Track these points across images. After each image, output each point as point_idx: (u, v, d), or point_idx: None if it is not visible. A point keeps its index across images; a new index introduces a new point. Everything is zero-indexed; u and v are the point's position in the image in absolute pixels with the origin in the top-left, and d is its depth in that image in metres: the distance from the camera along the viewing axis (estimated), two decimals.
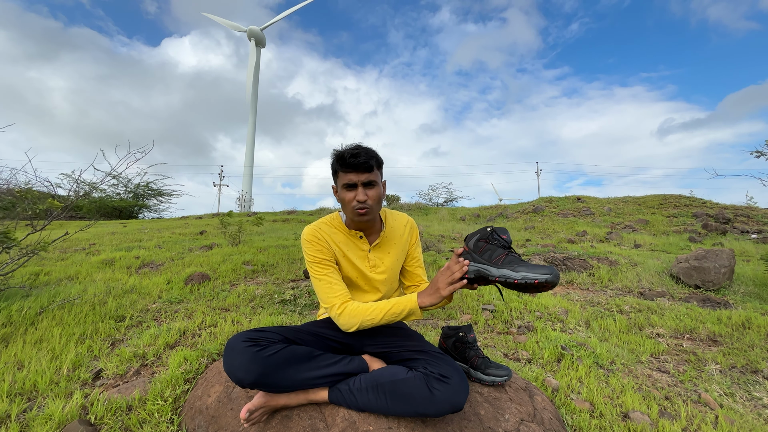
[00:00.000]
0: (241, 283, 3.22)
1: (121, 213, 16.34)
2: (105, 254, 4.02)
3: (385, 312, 1.14)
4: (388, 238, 1.40)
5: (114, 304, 2.46)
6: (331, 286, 1.23)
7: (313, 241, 1.28)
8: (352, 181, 1.19)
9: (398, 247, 1.41)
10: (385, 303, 1.16)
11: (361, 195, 1.20)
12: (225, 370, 1.02)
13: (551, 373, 1.96)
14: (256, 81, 33.94)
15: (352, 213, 1.23)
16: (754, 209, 8.80)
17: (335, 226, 1.35)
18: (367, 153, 1.19)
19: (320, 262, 1.27)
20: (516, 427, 1.16)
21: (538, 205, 11.29)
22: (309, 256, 1.28)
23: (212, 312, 2.49)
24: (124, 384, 1.61)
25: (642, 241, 6.60)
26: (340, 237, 1.34)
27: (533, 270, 0.97)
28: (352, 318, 1.17)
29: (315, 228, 1.32)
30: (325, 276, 1.25)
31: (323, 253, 1.28)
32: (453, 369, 1.06)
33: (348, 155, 1.17)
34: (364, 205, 1.21)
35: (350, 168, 1.18)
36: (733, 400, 1.89)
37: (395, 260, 1.40)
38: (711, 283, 3.60)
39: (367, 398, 1.06)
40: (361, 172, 1.19)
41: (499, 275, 1.01)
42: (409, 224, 1.45)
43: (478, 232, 1.12)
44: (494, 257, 1.06)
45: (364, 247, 1.36)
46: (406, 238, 1.43)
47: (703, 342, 2.60)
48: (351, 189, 1.21)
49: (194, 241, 5.31)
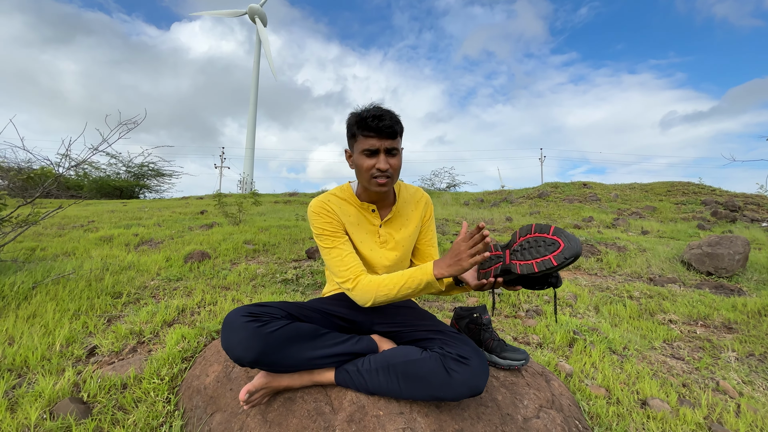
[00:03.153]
0: (241, 262, 3.14)
1: (122, 193, 16.27)
2: (103, 231, 3.94)
3: (400, 285, 1.03)
4: (400, 212, 1.29)
5: (111, 281, 2.38)
6: (342, 258, 1.13)
7: (321, 213, 1.18)
8: (373, 146, 1.07)
9: (411, 222, 1.29)
10: (398, 275, 1.05)
11: (382, 163, 1.08)
12: (223, 347, 0.93)
13: (564, 358, 1.88)
14: (257, 61, 33.26)
15: (369, 182, 1.12)
16: (765, 198, 8.63)
17: (345, 197, 1.23)
18: (392, 117, 1.06)
19: (330, 235, 1.16)
20: (536, 413, 1.08)
21: (544, 190, 11.13)
22: (317, 229, 1.18)
23: (212, 290, 2.41)
24: (119, 361, 1.54)
25: (650, 228, 6.49)
26: (351, 210, 1.23)
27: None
28: (366, 293, 1.07)
29: (323, 199, 1.21)
30: (336, 248, 1.15)
31: (332, 225, 1.17)
32: (472, 349, 0.98)
33: (371, 117, 1.05)
34: (385, 174, 1.10)
35: (373, 132, 1.06)
36: (753, 389, 1.81)
37: (407, 237, 1.29)
38: (724, 270, 3.50)
39: (377, 380, 0.98)
40: (384, 138, 1.07)
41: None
42: (424, 199, 1.34)
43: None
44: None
45: (375, 222, 1.25)
46: (420, 214, 1.31)
47: (718, 329, 2.52)
48: (371, 156, 1.09)
49: (194, 220, 5.22)
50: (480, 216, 7.56)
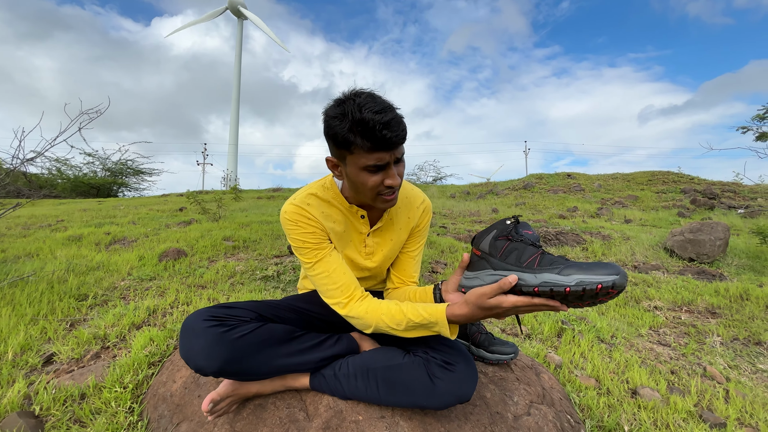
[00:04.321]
0: (220, 260, 3.01)
1: (98, 191, 15.71)
2: (72, 230, 3.73)
3: (407, 321, 0.84)
4: (393, 220, 1.08)
5: (75, 282, 2.23)
6: (330, 275, 0.93)
7: (300, 222, 0.94)
8: (383, 161, 0.83)
9: (402, 231, 1.10)
10: (410, 308, 0.86)
11: (394, 178, 0.86)
12: (182, 356, 0.83)
13: (552, 349, 1.84)
14: (239, 54, 32.47)
15: (375, 200, 0.90)
16: (741, 185, 8.89)
17: (329, 198, 1.00)
18: (400, 119, 0.82)
19: (313, 248, 0.95)
20: (526, 410, 1.02)
21: (529, 181, 11.21)
22: (296, 241, 0.95)
23: (187, 289, 2.28)
24: (79, 369, 1.42)
25: (632, 217, 6.59)
26: (335, 214, 1.01)
27: (590, 271, 0.65)
28: (363, 322, 0.91)
29: (301, 203, 0.96)
30: (321, 261, 0.94)
31: (315, 235, 0.95)
32: (458, 353, 0.89)
33: (379, 126, 0.77)
34: (395, 189, 0.89)
35: (381, 145, 0.80)
36: (739, 373, 1.81)
37: (395, 248, 1.10)
38: (706, 256, 3.55)
39: (355, 386, 0.89)
40: (394, 148, 0.83)
41: (540, 283, 0.69)
42: (423, 206, 1.11)
43: (494, 228, 0.82)
44: (524, 259, 0.75)
45: (363, 230, 1.05)
46: (414, 222, 1.10)
47: (702, 314, 2.54)
48: (378, 171, 0.85)
49: (172, 218, 5.02)
50: (466, 208, 7.54)
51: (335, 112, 0.81)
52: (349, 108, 0.79)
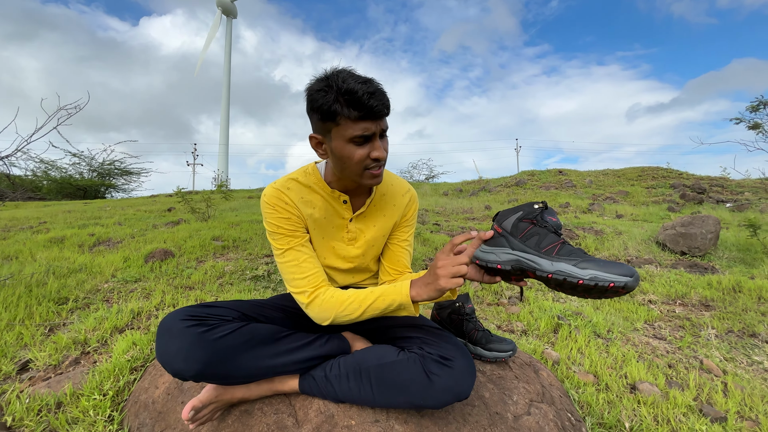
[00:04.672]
0: (209, 260, 2.93)
1: (85, 193, 15.39)
2: (54, 232, 3.61)
3: (366, 305, 0.86)
4: (377, 207, 1.06)
5: (56, 285, 2.14)
6: (299, 264, 0.92)
7: (278, 206, 0.94)
8: (369, 131, 0.82)
9: (389, 220, 1.08)
10: (367, 293, 0.87)
11: (380, 150, 0.85)
12: (158, 360, 0.77)
13: (549, 345, 1.82)
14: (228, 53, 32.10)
15: (362, 175, 0.88)
16: (728, 180, 9.02)
17: (310, 183, 0.98)
18: (384, 91, 0.82)
19: (286, 234, 0.94)
20: (526, 409, 0.98)
21: (521, 178, 11.25)
22: (271, 225, 0.94)
23: (173, 291, 2.21)
24: (56, 376, 1.34)
25: (623, 212, 6.63)
26: (317, 199, 0.98)
27: (605, 268, 0.68)
28: (324, 311, 0.89)
29: (280, 187, 0.96)
30: (292, 249, 0.93)
31: (291, 222, 0.94)
32: (455, 348, 0.85)
33: (366, 95, 0.78)
34: (382, 163, 0.88)
35: (368, 114, 0.80)
36: (735, 365, 1.80)
37: (380, 236, 1.08)
38: (697, 249, 3.56)
39: (347, 387, 0.84)
40: (380, 118, 0.83)
41: (555, 271, 0.71)
42: (408, 194, 1.10)
43: (520, 209, 0.82)
44: (544, 245, 0.76)
45: (345, 215, 1.02)
46: (400, 210, 1.08)
47: (696, 307, 2.54)
48: (364, 143, 0.84)
49: (161, 218, 4.91)
50: (459, 205, 7.53)
51: (319, 86, 0.82)
52: (333, 81, 0.80)
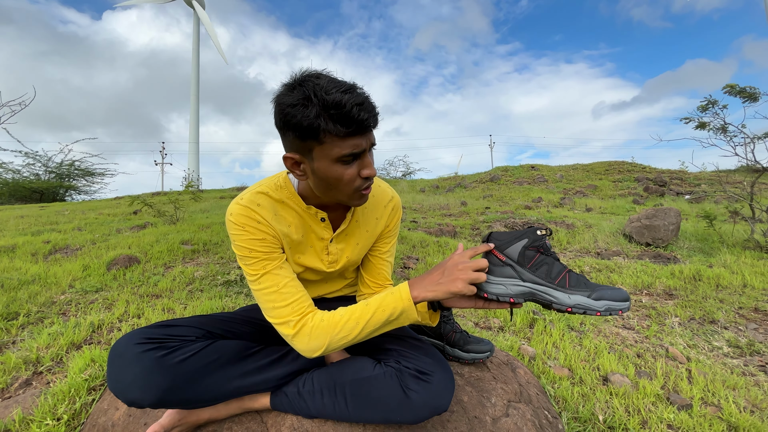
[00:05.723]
0: (177, 265, 2.79)
1: (42, 196, 14.40)
2: (4, 240, 3.35)
3: (365, 321, 0.75)
4: (360, 222, 0.94)
5: (4, 299, 1.97)
6: (279, 291, 0.78)
7: (248, 226, 0.79)
8: (359, 148, 0.71)
9: (370, 234, 0.97)
10: (363, 308, 0.77)
11: (370, 167, 0.75)
12: (110, 389, 0.70)
13: (525, 340, 1.84)
14: (196, 48, 30.84)
15: (352, 197, 0.78)
16: (686, 173, 9.57)
17: (283, 198, 0.85)
18: (371, 100, 0.71)
19: (261, 258, 0.80)
20: (504, 411, 0.97)
21: (495, 174, 11.48)
22: (241, 249, 0.79)
23: (139, 300, 2.09)
24: (3, 401, 1.23)
25: (592, 205, 6.89)
26: (291, 216, 0.86)
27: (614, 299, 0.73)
28: (314, 339, 0.76)
29: (250, 203, 0.81)
30: (269, 274, 0.79)
31: (266, 243, 0.80)
32: (434, 361, 0.82)
33: (356, 108, 0.67)
34: (372, 181, 0.78)
35: (357, 128, 0.69)
36: (697, 352, 1.89)
37: (362, 253, 0.99)
38: (661, 240, 3.74)
39: (321, 403, 0.80)
40: (369, 132, 0.72)
41: (574, 305, 0.73)
42: (391, 204, 0.99)
43: (524, 235, 0.78)
44: (554, 275, 0.75)
45: (324, 235, 0.90)
46: (383, 222, 0.97)
47: (660, 296, 2.66)
48: (353, 161, 0.73)
49: (125, 222, 4.65)
50: (436, 201, 7.58)
51: (295, 99, 0.67)
52: (311, 91, 0.66)
